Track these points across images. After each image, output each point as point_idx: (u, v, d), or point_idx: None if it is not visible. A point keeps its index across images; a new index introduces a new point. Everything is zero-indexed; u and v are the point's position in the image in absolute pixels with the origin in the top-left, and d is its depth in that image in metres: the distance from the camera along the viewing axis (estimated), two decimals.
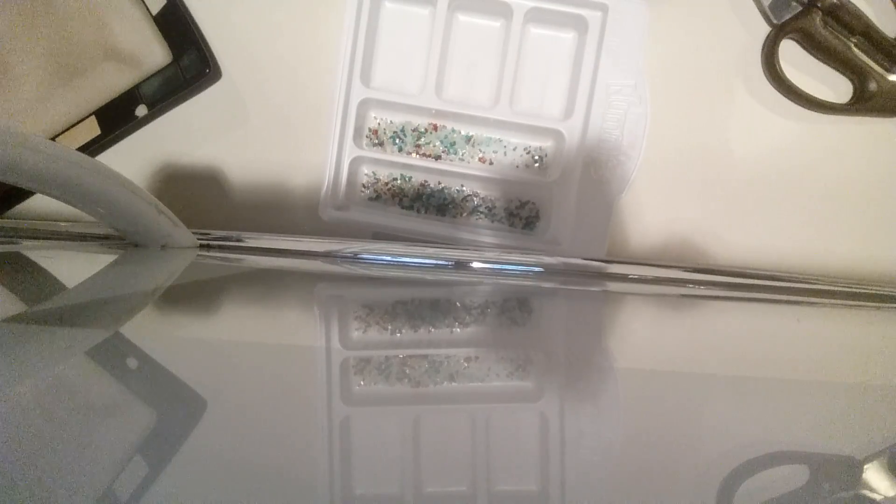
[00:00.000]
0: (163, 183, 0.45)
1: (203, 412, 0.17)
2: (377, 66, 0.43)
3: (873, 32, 0.40)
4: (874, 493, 0.15)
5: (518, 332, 0.28)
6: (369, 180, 0.44)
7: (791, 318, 0.35)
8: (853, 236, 0.43)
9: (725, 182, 0.43)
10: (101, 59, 0.43)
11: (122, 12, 0.42)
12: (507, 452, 0.16)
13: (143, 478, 0.13)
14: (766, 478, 0.15)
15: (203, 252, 0.37)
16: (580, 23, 0.41)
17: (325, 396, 0.19)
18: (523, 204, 0.44)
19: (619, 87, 0.41)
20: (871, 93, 0.41)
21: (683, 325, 0.32)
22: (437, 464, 0.15)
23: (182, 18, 0.42)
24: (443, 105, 0.42)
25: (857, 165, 0.42)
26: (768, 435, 0.17)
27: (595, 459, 0.16)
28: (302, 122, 0.44)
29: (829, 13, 0.40)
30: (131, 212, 0.32)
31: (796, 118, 0.42)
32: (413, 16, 0.43)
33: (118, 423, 0.15)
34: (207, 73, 0.43)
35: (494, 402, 0.19)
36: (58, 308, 0.25)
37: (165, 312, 0.26)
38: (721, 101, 0.42)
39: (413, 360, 0.22)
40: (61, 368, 0.19)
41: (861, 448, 0.17)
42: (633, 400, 0.20)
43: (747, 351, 0.27)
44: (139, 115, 0.43)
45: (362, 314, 0.29)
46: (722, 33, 0.42)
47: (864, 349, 0.28)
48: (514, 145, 0.43)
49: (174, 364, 0.20)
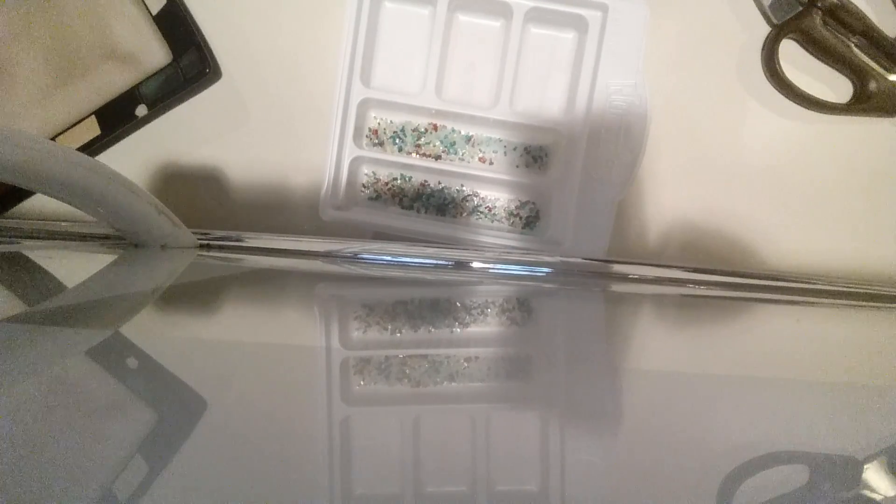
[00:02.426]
0: (163, 183, 0.45)
1: (203, 412, 0.17)
2: (377, 66, 0.43)
3: (873, 32, 0.40)
4: (874, 493, 0.15)
5: (518, 332, 0.28)
6: (369, 180, 0.44)
7: (791, 317, 0.35)
8: (853, 236, 0.43)
9: (725, 182, 0.43)
10: (101, 59, 0.43)
11: (122, 12, 0.42)
12: (507, 452, 0.16)
13: (143, 478, 0.13)
14: (766, 478, 0.15)
15: (203, 252, 0.37)
16: (580, 23, 0.41)
17: (325, 396, 0.19)
18: (523, 204, 0.44)
19: (619, 87, 0.41)
20: (871, 93, 0.41)
21: (683, 325, 0.32)
22: (437, 464, 0.15)
23: (182, 18, 0.42)
24: (443, 105, 0.42)
25: (857, 165, 0.42)
26: (768, 435, 0.17)
27: (595, 459, 0.16)
28: (302, 122, 0.44)
29: (829, 13, 0.40)
30: (131, 212, 0.32)
31: (796, 118, 0.42)
32: (413, 16, 0.43)
33: (118, 423, 0.15)
34: (207, 72, 0.43)
35: (494, 402, 0.19)
36: (58, 308, 0.25)
37: (165, 312, 0.26)
38: (721, 101, 0.42)
39: (413, 360, 0.22)
40: (61, 368, 0.19)
41: (861, 448, 0.17)
42: (633, 400, 0.20)
43: (747, 351, 0.27)
44: (139, 115, 0.43)
45: (362, 314, 0.29)
46: (722, 33, 0.42)
47: (864, 349, 0.28)
48: (514, 145, 0.43)
49: (174, 364, 0.20)
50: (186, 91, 0.43)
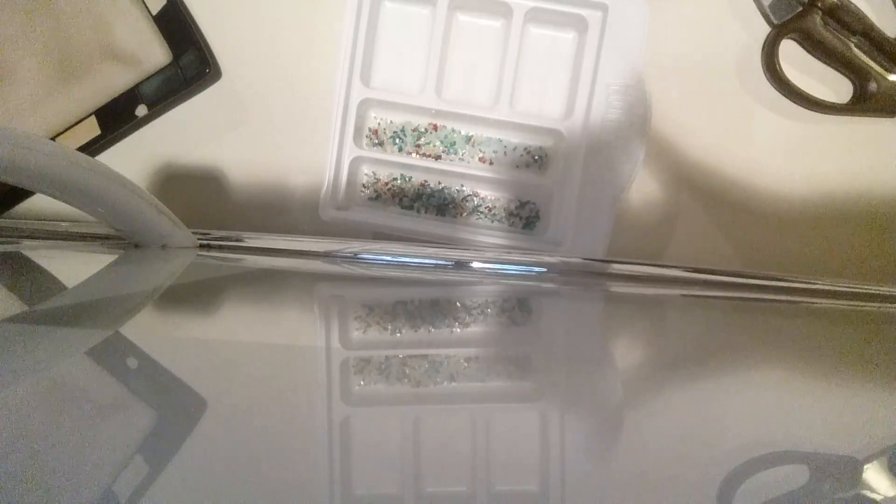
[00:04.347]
0: (163, 183, 0.45)
1: (203, 412, 0.17)
2: (377, 66, 0.43)
3: (873, 32, 0.40)
4: (874, 493, 0.15)
5: (518, 332, 0.28)
6: (369, 180, 0.44)
7: (791, 317, 0.35)
8: (853, 236, 0.43)
9: (725, 182, 0.43)
10: (101, 59, 0.43)
11: (122, 12, 0.42)
12: (507, 452, 0.16)
13: (143, 478, 0.13)
14: (766, 478, 0.15)
15: (203, 252, 0.37)
16: (580, 23, 0.41)
17: (325, 396, 0.19)
18: (523, 204, 0.44)
19: (619, 87, 0.41)
20: (871, 93, 0.41)
21: (683, 325, 0.32)
22: (437, 464, 0.15)
23: (182, 18, 0.42)
24: (443, 105, 0.42)
25: (857, 165, 0.42)
26: (768, 435, 0.17)
27: (595, 459, 0.16)
28: (302, 122, 0.44)
29: (829, 13, 0.40)
30: (131, 212, 0.32)
31: (796, 118, 0.42)
32: (413, 16, 0.43)
33: (118, 423, 0.15)
34: (207, 73, 0.43)
35: (494, 402, 0.19)
36: (58, 308, 0.25)
37: (165, 312, 0.26)
38: (721, 101, 0.42)
39: (413, 360, 0.22)
40: (61, 368, 0.19)
41: (861, 448, 0.17)
42: (633, 400, 0.20)
43: (747, 350, 0.27)
44: (139, 115, 0.43)
45: (362, 314, 0.29)
46: (722, 33, 0.42)
47: (864, 349, 0.28)
48: (514, 145, 0.43)
49: (174, 364, 0.20)
50: (186, 91, 0.43)
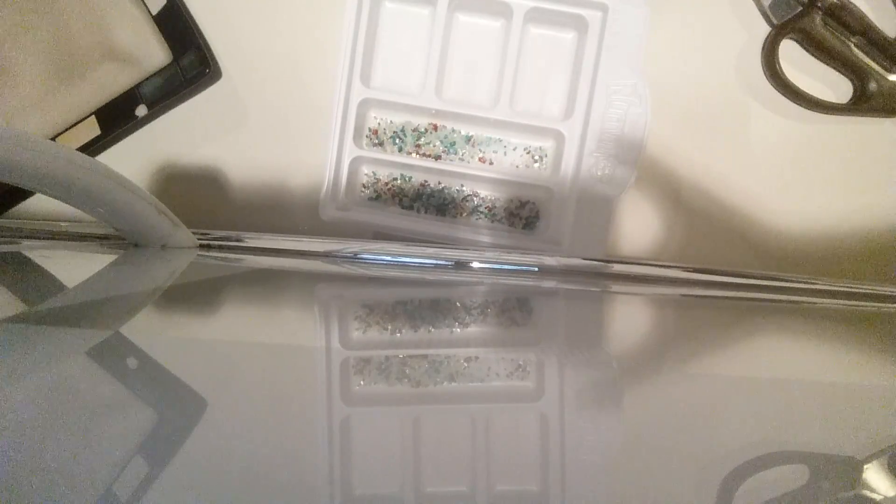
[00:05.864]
0: (163, 183, 0.45)
1: (203, 412, 0.17)
2: (377, 66, 0.43)
3: (873, 32, 0.40)
4: (874, 493, 0.15)
5: (518, 332, 0.28)
6: (369, 180, 0.44)
7: (791, 317, 0.35)
8: (853, 236, 0.43)
9: (725, 181, 0.43)
10: (101, 59, 0.43)
11: (122, 12, 0.42)
12: (507, 452, 0.16)
13: (143, 478, 0.13)
14: (766, 478, 0.15)
15: (203, 252, 0.37)
16: (580, 23, 0.41)
17: (325, 396, 0.19)
18: (523, 204, 0.44)
19: (619, 87, 0.41)
20: (871, 93, 0.41)
21: (683, 325, 0.32)
22: (437, 464, 0.15)
23: (182, 18, 0.42)
24: (443, 105, 0.42)
25: (857, 165, 0.42)
26: (768, 435, 0.17)
27: (595, 459, 0.16)
28: (302, 122, 0.44)
29: (829, 13, 0.40)
30: (131, 212, 0.32)
31: (796, 118, 0.42)
32: (413, 16, 0.43)
33: (118, 423, 0.15)
34: (207, 73, 0.43)
35: (494, 402, 0.19)
36: (58, 308, 0.25)
37: (165, 312, 0.26)
38: (721, 101, 0.42)
39: (413, 360, 0.22)
40: (61, 368, 0.19)
41: (861, 448, 0.17)
42: (633, 400, 0.20)
43: (747, 350, 0.27)
44: (139, 115, 0.43)
45: (362, 314, 0.29)
46: (722, 33, 0.42)
47: (864, 349, 0.28)
48: (514, 145, 0.43)
49: (174, 364, 0.20)
50: (186, 91, 0.43)
